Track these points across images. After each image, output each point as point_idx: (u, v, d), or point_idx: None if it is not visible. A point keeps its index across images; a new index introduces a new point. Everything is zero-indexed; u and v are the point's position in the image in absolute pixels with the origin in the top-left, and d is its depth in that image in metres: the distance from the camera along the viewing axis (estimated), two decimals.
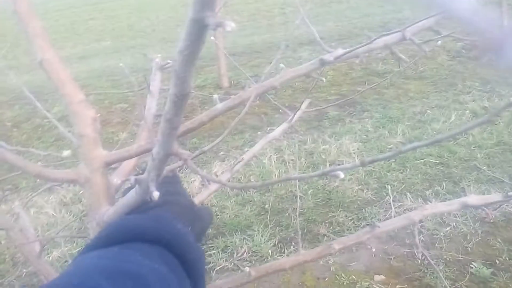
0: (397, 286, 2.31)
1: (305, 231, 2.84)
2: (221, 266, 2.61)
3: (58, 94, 0.80)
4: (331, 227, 2.85)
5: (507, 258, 2.41)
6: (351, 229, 2.80)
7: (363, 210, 2.98)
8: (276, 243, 2.76)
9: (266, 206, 3.14)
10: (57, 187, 3.54)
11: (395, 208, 2.93)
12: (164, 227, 0.53)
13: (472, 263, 2.40)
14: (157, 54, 1.20)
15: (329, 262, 2.52)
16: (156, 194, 0.52)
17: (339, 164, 3.65)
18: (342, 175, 0.38)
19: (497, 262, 2.40)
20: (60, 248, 2.82)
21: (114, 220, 0.55)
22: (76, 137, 0.78)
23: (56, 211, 3.27)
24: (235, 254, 2.70)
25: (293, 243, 2.73)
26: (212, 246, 2.77)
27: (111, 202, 0.77)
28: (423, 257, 2.46)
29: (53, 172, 0.75)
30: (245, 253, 2.70)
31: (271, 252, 2.66)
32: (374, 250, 2.52)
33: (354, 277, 2.40)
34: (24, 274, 2.68)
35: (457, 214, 2.79)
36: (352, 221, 2.88)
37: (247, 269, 0.80)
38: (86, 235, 0.83)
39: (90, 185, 0.77)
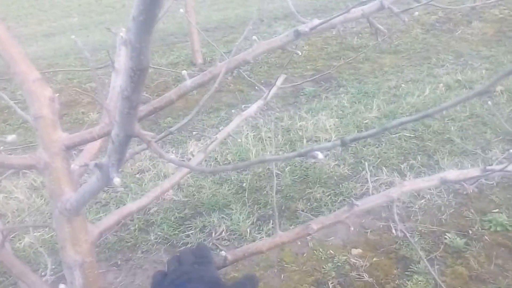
0: (374, 259, 2.34)
1: (283, 208, 2.84)
2: None
3: (10, 72, 0.73)
4: (309, 203, 2.85)
5: (479, 228, 2.48)
6: (328, 205, 2.82)
7: (340, 185, 2.99)
8: (254, 221, 2.75)
9: (244, 184, 3.12)
10: (26, 171, 3.41)
11: (371, 182, 2.95)
12: None
13: (446, 234, 2.45)
14: (123, 28, 1.13)
15: (307, 238, 2.53)
16: (117, 181, 0.47)
17: (316, 141, 3.65)
18: (321, 155, 0.34)
19: (470, 232, 2.46)
20: (32, 233, 2.74)
21: None
22: (33, 119, 0.72)
23: (26, 196, 3.16)
24: (213, 234, 2.68)
25: (271, 221, 2.73)
26: (190, 227, 2.74)
27: (73, 188, 0.72)
28: (399, 231, 2.50)
29: (8, 157, 0.68)
30: (223, 232, 2.68)
31: (250, 230, 2.65)
32: (351, 226, 2.55)
33: (332, 251, 2.42)
34: None
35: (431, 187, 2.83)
36: (329, 197, 2.89)
37: (223, 253, 0.76)
38: (50, 224, 0.77)
39: (50, 171, 0.71)
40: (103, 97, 0.88)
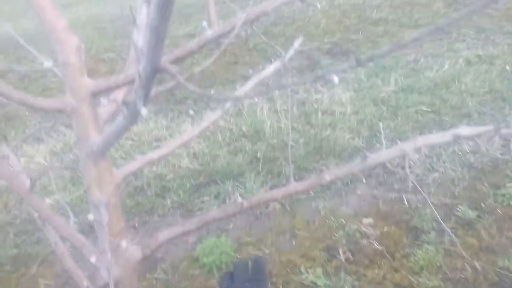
0: (385, 228, 2.38)
1: (296, 178, 2.86)
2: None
3: (39, 19, 0.76)
4: None
5: (492, 201, 2.48)
6: (341, 176, 2.84)
7: (354, 157, 3.01)
8: (268, 190, 2.79)
9: (258, 155, 3.15)
10: (46, 136, 3.51)
11: None
12: None
13: (459, 206, 2.46)
14: None
15: (319, 206, 2.58)
16: (144, 112, 0.50)
17: (331, 114, 3.65)
18: (336, 79, 0.36)
19: (483, 205, 2.46)
20: (53, 195, 2.84)
21: None
22: (61, 65, 0.75)
23: (46, 161, 3.26)
24: (227, 201, 2.74)
25: None
26: (205, 193, 2.80)
27: (99, 132, 0.76)
28: (410, 202, 2.53)
29: (38, 100, 0.72)
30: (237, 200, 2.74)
31: None
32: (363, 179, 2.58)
33: (343, 220, 2.45)
34: (18, 221, 2.70)
35: (445, 160, 2.83)
36: None
37: (239, 199, 0.80)
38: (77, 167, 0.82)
39: (77, 115, 0.75)
40: (128, 52, 0.91)
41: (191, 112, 3.87)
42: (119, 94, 0.79)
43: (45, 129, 3.42)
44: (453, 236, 1.35)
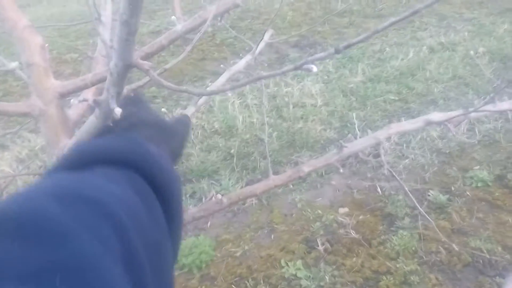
0: (361, 217, 2.42)
1: (271, 173, 2.88)
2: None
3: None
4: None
5: (461, 184, 2.56)
6: (319, 167, 2.86)
7: (327, 149, 3.04)
8: (243, 185, 2.78)
9: (232, 151, 3.14)
10: (11, 143, 3.37)
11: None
12: (132, 148, 0.47)
13: (430, 191, 2.53)
14: None
15: (296, 199, 2.59)
16: (118, 111, 0.48)
17: (302, 106, 3.67)
18: (315, 68, 0.35)
19: (453, 188, 2.54)
20: None
21: (78, 143, 0.49)
22: (25, 66, 0.71)
23: (12, 168, 3.13)
24: (203, 199, 2.71)
25: None
26: None
27: (69, 135, 0.72)
28: (384, 189, 2.59)
29: (3, 104, 0.68)
30: (213, 198, 2.71)
31: None
32: (340, 169, 2.61)
33: (319, 211, 2.48)
34: None
35: (415, 147, 2.90)
36: None
37: (219, 196, 0.79)
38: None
39: (45, 118, 0.72)
40: (94, 51, 0.87)
41: (163, 110, 3.81)
42: (88, 95, 0.76)
43: (9, 136, 3.28)
44: (430, 219, 1.38)
